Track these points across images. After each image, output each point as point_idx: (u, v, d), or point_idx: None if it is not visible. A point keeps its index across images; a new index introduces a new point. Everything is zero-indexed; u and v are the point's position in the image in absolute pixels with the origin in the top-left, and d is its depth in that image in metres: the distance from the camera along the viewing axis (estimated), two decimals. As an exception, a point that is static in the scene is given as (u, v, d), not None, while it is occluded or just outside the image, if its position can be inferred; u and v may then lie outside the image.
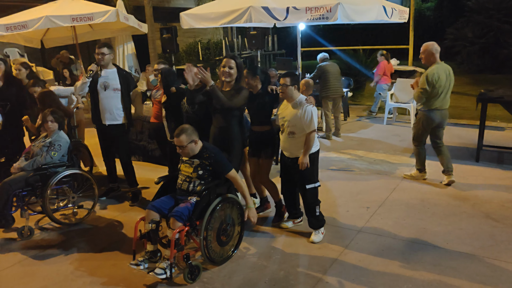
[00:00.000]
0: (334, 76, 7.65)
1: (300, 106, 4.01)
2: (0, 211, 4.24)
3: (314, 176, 4.13)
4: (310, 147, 3.99)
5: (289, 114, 4.08)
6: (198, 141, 3.70)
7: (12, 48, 13.25)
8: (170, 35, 10.74)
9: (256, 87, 4.35)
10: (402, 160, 6.41)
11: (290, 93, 4.05)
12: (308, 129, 3.97)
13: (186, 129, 3.65)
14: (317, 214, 4.14)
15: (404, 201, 5.00)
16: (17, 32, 7.87)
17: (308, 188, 4.07)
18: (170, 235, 3.43)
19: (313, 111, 3.99)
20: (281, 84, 4.05)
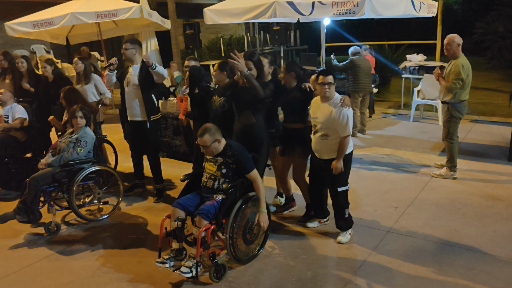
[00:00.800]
0: (365, 72, 7.42)
1: (335, 107, 3.83)
2: (28, 206, 4.28)
3: (346, 178, 4.00)
4: (344, 151, 3.84)
5: (322, 116, 3.90)
6: (221, 139, 3.63)
7: (38, 44, 13.50)
8: (193, 31, 10.74)
9: (291, 83, 4.23)
10: (431, 158, 6.23)
11: (333, 92, 3.91)
12: (343, 133, 3.80)
13: (210, 128, 3.58)
14: (346, 216, 4.04)
15: (434, 201, 4.85)
16: (43, 29, 7.98)
17: (339, 191, 3.96)
18: (196, 233, 3.39)
19: (349, 114, 3.80)
20: (326, 83, 3.81)
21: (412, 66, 9.23)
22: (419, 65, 9.15)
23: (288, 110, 4.32)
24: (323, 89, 3.84)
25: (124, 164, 6.32)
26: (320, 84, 3.85)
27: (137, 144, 5.30)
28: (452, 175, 5.43)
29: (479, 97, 10.10)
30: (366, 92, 7.53)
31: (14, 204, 4.82)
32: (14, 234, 4.45)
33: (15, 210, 4.30)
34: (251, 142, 3.96)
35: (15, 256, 4.05)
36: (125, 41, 4.98)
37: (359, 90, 7.42)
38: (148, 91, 5.00)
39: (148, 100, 5.01)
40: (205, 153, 3.69)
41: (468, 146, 6.69)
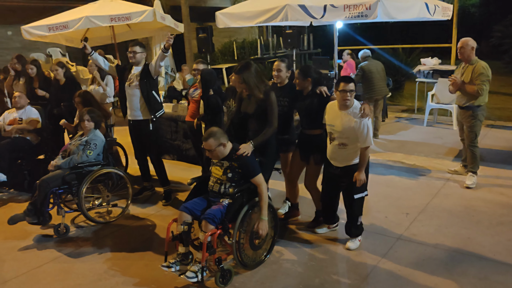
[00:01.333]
0: (378, 76, 7.26)
1: (355, 117, 3.68)
2: (38, 208, 4.31)
3: (365, 185, 3.90)
4: (366, 162, 3.76)
5: (340, 125, 3.75)
6: (227, 143, 3.60)
7: (54, 48, 13.70)
8: (205, 35, 10.76)
9: (307, 88, 4.16)
10: (444, 164, 6.11)
11: (353, 101, 3.79)
12: (364, 143, 3.69)
13: (215, 132, 3.55)
14: (358, 224, 3.97)
15: (447, 208, 4.74)
16: (58, 32, 8.08)
17: (356, 198, 3.87)
18: (202, 237, 3.36)
19: (369, 123, 3.69)
20: (347, 90, 3.65)
21: (427, 70, 9.10)
22: (433, 69, 9.01)
23: (305, 116, 4.22)
24: (345, 97, 3.68)
25: (135, 167, 6.33)
26: (341, 91, 3.68)
27: (139, 144, 5.30)
28: (474, 182, 5.30)
29: (496, 102, 9.90)
30: (381, 97, 7.42)
31: (25, 206, 4.88)
32: (24, 236, 4.49)
33: (25, 211, 4.33)
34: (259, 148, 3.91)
35: (24, 257, 4.08)
36: (134, 44, 5.00)
37: (373, 96, 7.28)
38: (149, 89, 5.01)
39: (150, 98, 5.03)
40: (211, 157, 3.67)
41: (483, 151, 6.53)
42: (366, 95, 7.33)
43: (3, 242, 4.38)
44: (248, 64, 3.97)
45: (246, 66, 3.94)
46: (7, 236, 4.49)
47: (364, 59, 7.45)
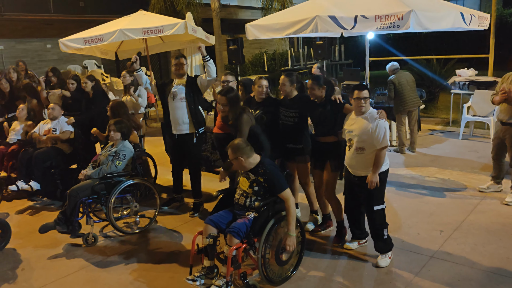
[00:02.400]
0: (409, 87, 7.09)
1: (371, 120, 3.73)
2: (67, 217, 4.38)
3: (382, 196, 3.83)
4: (380, 164, 3.70)
5: (358, 128, 3.79)
6: (251, 156, 3.57)
7: (90, 60, 14.13)
8: (236, 46, 10.81)
9: (321, 97, 4.18)
10: (480, 179, 5.85)
11: (368, 107, 3.80)
12: (379, 145, 3.68)
13: (238, 143, 3.56)
14: (384, 237, 3.84)
15: (483, 225, 4.52)
16: (94, 45, 8.32)
17: (376, 210, 3.77)
18: (227, 251, 3.32)
19: (386, 126, 3.71)
20: (361, 98, 3.74)
21: (462, 81, 8.81)
22: (469, 80, 8.72)
23: (319, 124, 4.25)
24: (359, 104, 3.76)
25: (164, 177, 6.39)
26: (355, 99, 3.77)
27: (180, 157, 5.33)
28: None
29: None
30: (414, 109, 7.21)
31: (57, 214, 4.98)
32: (54, 244, 4.56)
33: (55, 220, 4.41)
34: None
35: (53, 266, 4.14)
36: (179, 56, 5.07)
37: (405, 108, 7.09)
38: (196, 104, 5.05)
39: (196, 112, 5.07)
40: (237, 168, 3.64)
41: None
42: (399, 107, 7.14)
43: (34, 250, 4.47)
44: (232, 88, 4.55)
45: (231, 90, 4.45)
46: (38, 244, 4.58)
47: (392, 72, 7.28)
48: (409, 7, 5.68)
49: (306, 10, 6.69)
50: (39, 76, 11.85)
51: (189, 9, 13.39)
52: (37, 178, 5.72)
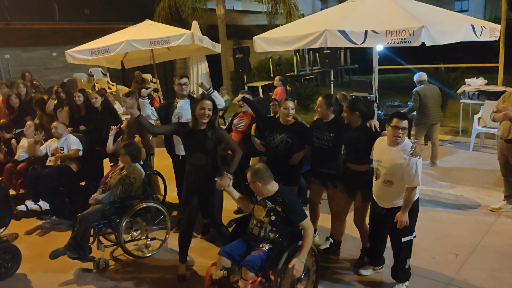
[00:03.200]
0: (434, 101, 6.95)
1: (404, 154, 3.50)
2: (78, 243, 4.34)
3: (412, 227, 3.69)
4: (410, 203, 3.54)
5: (388, 160, 3.59)
6: (270, 182, 3.51)
7: (96, 68, 14.12)
8: (242, 55, 10.78)
9: (355, 122, 4.02)
10: (493, 196, 5.78)
11: (404, 138, 3.60)
12: (411, 183, 3.49)
13: (258, 167, 3.51)
14: (406, 267, 3.76)
15: (499, 249, 4.45)
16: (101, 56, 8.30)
17: (404, 241, 3.68)
18: (242, 285, 3.26)
19: (419, 163, 3.49)
20: (400, 128, 3.50)
21: (472, 91, 8.72)
22: (479, 90, 8.62)
23: (352, 150, 4.09)
24: (396, 133, 3.52)
25: (173, 194, 6.33)
26: (393, 127, 3.53)
27: None
28: None
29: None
30: (436, 122, 7.07)
31: (66, 235, 4.95)
32: (65, 269, 4.52)
33: (66, 246, 4.36)
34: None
35: (65, 293, 4.10)
36: (182, 76, 5.00)
37: (428, 121, 6.96)
38: None
39: None
40: (254, 191, 3.58)
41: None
42: (421, 120, 7.01)
43: (44, 276, 4.43)
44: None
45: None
46: (48, 269, 4.54)
47: (419, 83, 7.12)
48: (420, 22, 5.60)
49: (315, 23, 6.63)
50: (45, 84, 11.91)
51: (195, 16, 13.37)
52: (46, 197, 5.68)
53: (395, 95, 11.92)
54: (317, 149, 4.35)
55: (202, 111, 3.89)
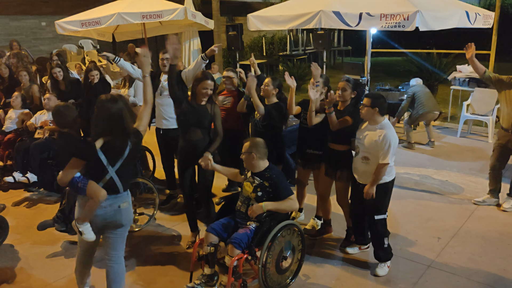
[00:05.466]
0: (427, 95, 7.40)
1: (380, 132, 3.67)
2: (66, 216, 4.35)
3: (385, 207, 3.84)
4: (379, 178, 3.68)
5: (365, 138, 3.75)
6: (264, 159, 3.58)
7: (86, 39, 13.85)
8: (235, 33, 10.64)
9: (346, 101, 4.10)
10: (477, 182, 5.89)
11: (369, 115, 3.72)
12: (382, 160, 3.63)
13: (259, 140, 3.61)
14: (385, 246, 3.86)
15: (480, 233, 4.57)
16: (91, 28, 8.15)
17: (377, 219, 3.79)
18: (228, 262, 3.32)
19: (393, 143, 3.62)
20: (362, 104, 3.74)
21: (462, 78, 8.77)
22: (470, 77, 8.67)
23: (336, 131, 4.11)
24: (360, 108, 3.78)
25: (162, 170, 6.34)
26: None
27: (168, 152, 5.28)
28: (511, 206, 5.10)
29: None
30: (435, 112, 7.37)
31: (54, 207, 4.96)
32: (52, 241, 4.54)
33: (54, 218, 4.38)
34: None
35: (52, 265, 4.13)
36: (165, 51, 4.94)
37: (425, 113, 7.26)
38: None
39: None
40: (245, 164, 3.62)
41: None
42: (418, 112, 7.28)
43: (32, 247, 4.45)
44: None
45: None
46: (36, 241, 4.56)
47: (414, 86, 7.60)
48: (415, 6, 5.61)
49: (310, 4, 6.58)
50: (34, 55, 11.68)
51: (188, -10, 13.09)
52: (34, 170, 5.66)
53: (386, 79, 11.94)
54: (304, 129, 4.40)
55: (205, 91, 4.02)
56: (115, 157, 3.01)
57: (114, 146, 2.99)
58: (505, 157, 5.08)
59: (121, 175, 3.07)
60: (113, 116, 2.96)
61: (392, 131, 3.69)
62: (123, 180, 3.09)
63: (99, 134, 2.97)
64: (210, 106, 4.10)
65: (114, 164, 3.02)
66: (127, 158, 3.06)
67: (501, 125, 5.05)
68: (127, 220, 3.20)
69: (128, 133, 3.02)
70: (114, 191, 3.06)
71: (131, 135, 3.06)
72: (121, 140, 3.00)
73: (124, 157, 3.03)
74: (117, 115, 2.96)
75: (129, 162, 3.12)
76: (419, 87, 7.50)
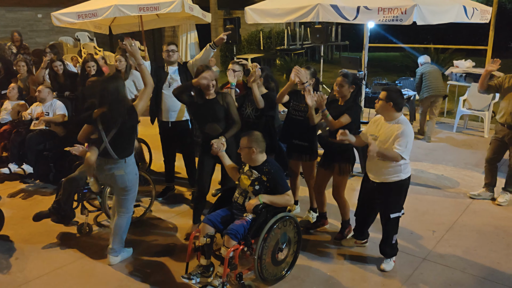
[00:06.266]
0: (436, 75, 7.43)
1: (398, 127, 3.55)
2: (62, 207, 4.34)
3: (401, 204, 3.80)
4: (386, 155, 3.50)
5: (383, 134, 3.63)
6: (262, 152, 3.57)
7: (83, 32, 13.79)
8: (233, 26, 10.60)
9: (345, 96, 4.07)
10: (473, 176, 5.92)
11: (384, 109, 3.63)
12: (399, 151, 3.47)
13: (258, 134, 3.59)
14: (393, 243, 3.86)
15: (476, 227, 4.59)
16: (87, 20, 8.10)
17: (392, 217, 3.76)
18: (224, 253, 3.33)
19: (410, 136, 3.52)
20: (379, 98, 3.63)
21: (459, 73, 8.79)
22: (466, 72, 8.70)
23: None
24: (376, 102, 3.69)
25: (159, 163, 6.33)
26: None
27: (172, 145, 5.28)
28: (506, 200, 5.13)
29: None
30: (438, 96, 7.42)
31: (50, 199, 4.95)
32: (48, 232, 4.53)
33: (49, 209, 4.37)
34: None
35: (48, 256, 4.12)
36: (170, 43, 4.96)
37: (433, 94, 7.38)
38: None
39: None
40: (243, 158, 3.62)
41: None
42: (425, 93, 7.39)
43: (28, 238, 4.44)
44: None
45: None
46: (32, 232, 4.55)
47: (422, 64, 7.67)
48: (413, 0, 5.60)
49: (308, -3, 6.56)
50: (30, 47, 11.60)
51: (186, -16, 13.03)
52: (30, 161, 5.65)
53: (384, 74, 11.93)
54: (293, 120, 4.39)
55: (206, 81, 4.02)
56: (109, 126, 3.58)
57: (109, 116, 3.55)
58: (501, 150, 5.10)
59: (115, 144, 3.62)
60: (110, 90, 3.52)
61: (410, 127, 3.56)
62: (117, 149, 3.64)
63: (98, 104, 3.59)
64: (221, 97, 4.12)
65: (108, 133, 3.59)
66: (120, 129, 3.59)
67: (498, 120, 5.07)
68: (124, 185, 3.76)
69: (123, 107, 3.55)
70: (108, 157, 3.66)
71: (126, 110, 3.58)
72: (116, 112, 3.53)
73: (117, 128, 3.57)
74: (114, 89, 3.54)
75: (124, 134, 3.64)
76: (428, 66, 7.53)
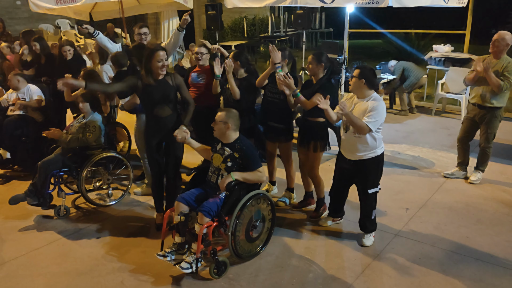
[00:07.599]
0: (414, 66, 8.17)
1: (371, 104, 3.60)
2: (38, 190, 4.34)
3: (378, 179, 3.89)
4: (355, 123, 3.55)
5: (356, 111, 3.66)
6: (236, 130, 3.63)
7: (63, 19, 13.58)
8: (215, 12, 10.55)
9: (318, 75, 4.11)
10: (449, 157, 6.04)
11: (356, 86, 3.68)
12: (366, 121, 3.54)
13: (235, 111, 3.63)
14: (372, 218, 3.95)
15: (447, 204, 4.71)
16: (66, 6, 7.98)
17: (370, 193, 3.85)
18: (197, 229, 3.38)
19: (381, 112, 3.58)
20: (352, 75, 3.68)
21: (438, 57, 8.89)
22: (445, 56, 8.80)
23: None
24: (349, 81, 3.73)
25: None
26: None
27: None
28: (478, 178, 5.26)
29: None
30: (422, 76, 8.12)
31: (27, 184, 4.91)
32: (25, 216, 4.54)
33: (26, 192, 4.38)
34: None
35: (24, 238, 4.13)
36: (142, 26, 4.97)
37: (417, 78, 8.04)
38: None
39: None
40: (216, 133, 3.65)
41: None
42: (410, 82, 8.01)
43: (4, 222, 4.44)
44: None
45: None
46: (8, 216, 4.55)
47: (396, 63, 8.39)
48: (389, -17, 5.65)
49: (286, -19, 6.57)
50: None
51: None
52: (7, 147, 5.61)
53: (366, 60, 12.04)
54: (269, 103, 4.43)
55: (160, 63, 3.79)
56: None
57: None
58: (472, 130, 5.22)
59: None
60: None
61: (382, 104, 3.62)
62: None
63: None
64: (170, 78, 3.92)
65: None
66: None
67: (469, 100, 5.17)
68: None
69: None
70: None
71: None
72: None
73: None
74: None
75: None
76: (403, 62, 8.27)
